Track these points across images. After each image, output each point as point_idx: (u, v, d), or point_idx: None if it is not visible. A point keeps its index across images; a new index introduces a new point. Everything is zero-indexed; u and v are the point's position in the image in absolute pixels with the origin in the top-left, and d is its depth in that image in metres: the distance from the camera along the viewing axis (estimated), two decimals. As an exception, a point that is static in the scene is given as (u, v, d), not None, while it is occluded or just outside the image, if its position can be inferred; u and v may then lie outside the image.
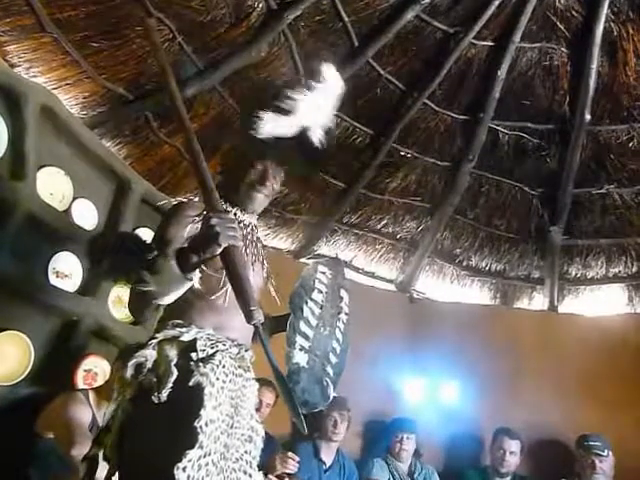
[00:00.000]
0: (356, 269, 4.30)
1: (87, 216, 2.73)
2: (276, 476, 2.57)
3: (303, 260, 4.13)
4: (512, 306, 4.31)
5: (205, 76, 3.13)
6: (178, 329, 1.41)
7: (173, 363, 1.34)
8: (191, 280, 1.31)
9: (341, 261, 1.88)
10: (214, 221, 1.26)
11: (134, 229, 2.95)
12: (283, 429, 2.99)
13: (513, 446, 3.29)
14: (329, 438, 3.16)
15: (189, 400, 1.29)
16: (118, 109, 3.04)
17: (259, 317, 1.25)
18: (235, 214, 1.58)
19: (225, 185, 1.62)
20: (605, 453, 3.12)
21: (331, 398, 1.58)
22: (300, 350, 1.50)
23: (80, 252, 2.64)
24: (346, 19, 3.29)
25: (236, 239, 1.28)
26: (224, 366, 1.39)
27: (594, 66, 3.45)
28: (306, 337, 1.54)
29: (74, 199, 2.67)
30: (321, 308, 1.64)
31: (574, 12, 3.38)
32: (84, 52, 2.76)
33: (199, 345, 1.38)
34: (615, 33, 3.39)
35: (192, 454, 1.22)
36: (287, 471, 2.61)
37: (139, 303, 1.39)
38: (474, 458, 3.59)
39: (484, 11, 3.37)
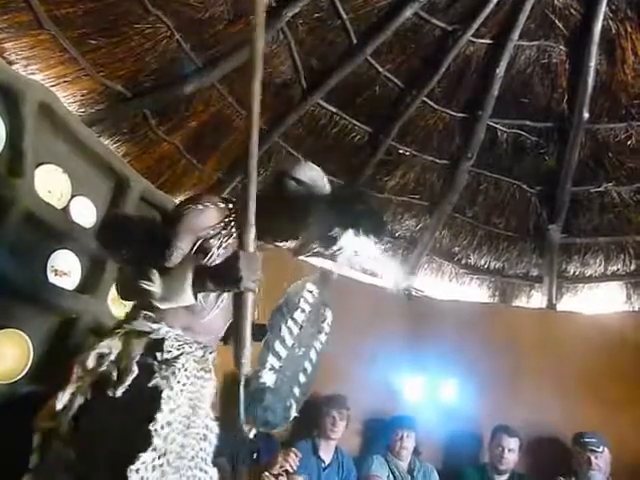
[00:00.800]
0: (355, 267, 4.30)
1: (86, 214, 2.72)
2: (273, 474, 2.57)
3: (302, 257, 4.11)
4: (511, 304, 4.31)
5: (204, 73, 3.13)
6: (148, 324, 1.39)
7: (135, 360, 1.33)
8: (196, 300, 1.33)
9: (330, 275, 1.82)
10: (242, 263, 1.27)
11: (133, 227, 2.94)
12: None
13: (512, 444, 3.29)
14: (328, 436, 3.15)
15: (147, 401, 1.29)
16: (116, 107, 3.04)
17: (247, 370, 1.28)
18: None
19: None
20: (600, 449, 3.13)
21: (292, 418, 1.56)
22: (270, 370, 1.50)
23: (79, 250, 2.63)
24: (344, 16, 3.28)
25: (257, 285, 1.30)
26: (186, 369, 1.39)
27: (592, 64, 3.46)
28: (279, 357, 1.53)
29: (72, 197, 2.65)
30: (300, 328, 1.62)
31: (572, 10, 3.38)
32: (82, 49, 2.75)
33: (166, 345, 1.38)
34: (613, 31, 3.40)
35: (145, 457, 1.23)
36: (287, 467, 2.61)
37: (134, 296, 1.40)
38: (473, 456, 3.59)
39: (482, 9, 3.38)
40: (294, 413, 1.56)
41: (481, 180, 4.10)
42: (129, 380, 1.30)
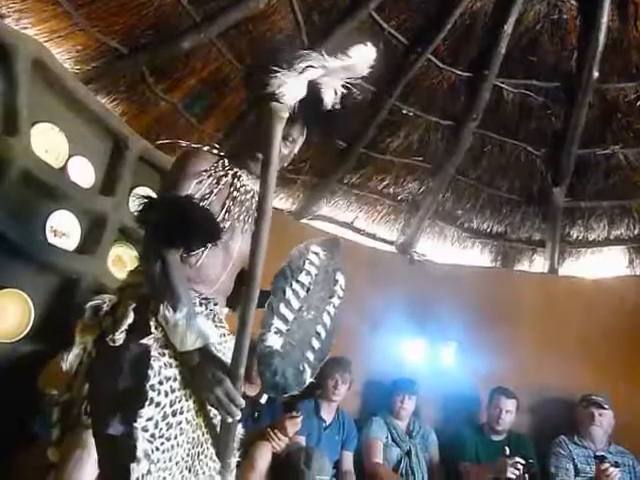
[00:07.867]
0: (357, 230, 4.27)
1: (84, 174, 2.69)
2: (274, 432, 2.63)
3: (304, 221, 4.09)
4: (513, 268, 4.30)
5: (202, 29, 3.02)
6: (142, 278, 1.39)
7: (132, 307, 1.33)
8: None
9: (339, 243, 1.75)
10: (216, 393, 1.26)
11: (132, 188, 2.90)
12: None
13: (509, 405, 3.33)
14: (329, 398, 3.20)
15: (143, 353, 1.28)
16: (112, 64, 2.95)
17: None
18: (240, 177, 1.52)
19: (240, 149, 1.55)
20: (606, 407, 3.18)
21: (306, 384, 1.49)
22: (275, 333, 1.42)
23: (78, 211, 2.60)
24: (348, -31, 3.16)
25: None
26: None
27: (604, 20, 3.32)
28: (285, 320, 1.45)
29: (70, 157, 2.61)
30: (307, 291, 1.53)
31: (586, -38, 3.24)
32: (75, 2, 2.65)
33: None
34: (627, -15, 3.26)
35: (150, 413, 1.22)
36: (291, 433, 2.67)
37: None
38: (471, 417, 3.64)
39: (492, -39, 3.23)
40: (309, 378, 1.48)
41: (486, 142, 4.01)
42: (126, 325, 1.30)
